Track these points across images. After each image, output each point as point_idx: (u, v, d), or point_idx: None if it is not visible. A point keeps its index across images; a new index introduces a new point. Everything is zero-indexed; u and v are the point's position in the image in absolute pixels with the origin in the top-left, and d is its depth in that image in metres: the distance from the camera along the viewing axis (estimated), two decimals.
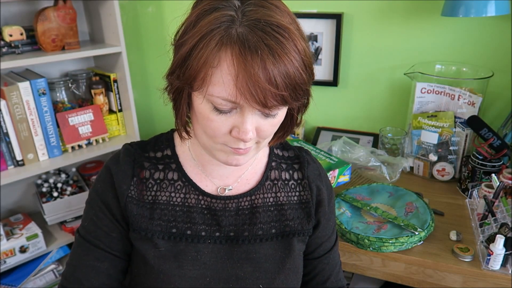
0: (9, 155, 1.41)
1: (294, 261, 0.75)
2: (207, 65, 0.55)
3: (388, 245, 1.02)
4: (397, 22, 1.44)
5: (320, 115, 1.70)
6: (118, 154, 0.74)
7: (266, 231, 0.74)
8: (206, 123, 0.60)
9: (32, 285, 1.55)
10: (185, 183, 0.72)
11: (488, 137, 1.21)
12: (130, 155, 0.73)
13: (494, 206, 1.04)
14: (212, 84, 0.56)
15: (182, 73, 0.58)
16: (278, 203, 0.76)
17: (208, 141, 0.64)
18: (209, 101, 0.58)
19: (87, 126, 1.59)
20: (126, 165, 0.72)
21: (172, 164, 0.73)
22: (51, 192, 1.59)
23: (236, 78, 0.54)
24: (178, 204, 0.72)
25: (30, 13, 1.52)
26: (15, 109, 1.37)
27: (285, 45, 0.55)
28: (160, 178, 0.72)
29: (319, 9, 1.53)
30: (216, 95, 0.56)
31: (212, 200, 0.73)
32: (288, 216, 0.75)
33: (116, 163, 0.72)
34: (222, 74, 0.55)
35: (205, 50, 0.55)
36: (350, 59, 1.57)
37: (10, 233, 1.51)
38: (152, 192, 0.71)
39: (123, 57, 1.56)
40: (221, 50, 0.54)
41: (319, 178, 0.79)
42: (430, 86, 1.34)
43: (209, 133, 0.61)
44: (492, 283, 0.96)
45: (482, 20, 1.33)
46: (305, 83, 0.58)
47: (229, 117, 0.59)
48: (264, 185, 0.76)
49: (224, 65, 0.54)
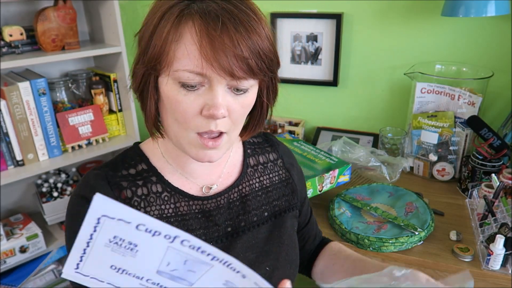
0: (9, 155, 1.41)
1: (291, 236, 0.78)
2: (169, 40, 0.55)
3: (388, 245, 1.02)
4: (397, 22, 1.44)
5: (320, 115, 1.70)
6: (86, 182, 0.67)
7: (260, 215, 0.75)
8: (175, 106, 0.58)
9: (32, 285, 1.55)
10: (172, 193, 0.69)
11: (488, 137, 1.21)
12: (102, 178, 0.66)
13: (494, 206, 1.05)
14: (176, 59, 0.55)
15: (147, 57, 0.58)
16: (264, 186, 0.77)
17: (180, 130, 0.61)
18: (176, 80, 0.57)
19: (87, 126, 1.59)
20: (103, 189, 0.65)
21: (152, 177, 0.69)
22: (51, 192, 1.59)
23: (200, 47, 0.54)
24: (171, 215, 0.69)
25: (30, 13, 1.52)
26: (15, 109, 1.37)
27: (248, 13, 0.56)
28: (144, 193, 0.68)
29: (319, 9, 1.53)
30: (182, 69, 0.55)
31: (204, 202, 0.71)
32: (275, 196, 0.78)
33: (90, 190, 0.64)
34: (186, 46, 0.54)
35: (166, 27, 0.55)
36: (350, 59, 1.57)
37: (10, 233, 1.51)
38: (141, 209, 0.67)
39: (123, 57, 1.56)
40: (181, 23, 0.55)
41: (289, 154, 0.84)
42: (430, 86, 1.34)
43: (179, 118, 0.59)
44: (492, 283, 0.96)
45: (482, 20, 1.33)
46: (269, 52, 0.58)
47: (198, 95, 0.57)
48: (247, 173, 0.77)
49: (187, 37, 0.54)
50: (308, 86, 1.66)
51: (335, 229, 1.11)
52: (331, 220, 1.13)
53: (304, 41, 1.58)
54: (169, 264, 0.47)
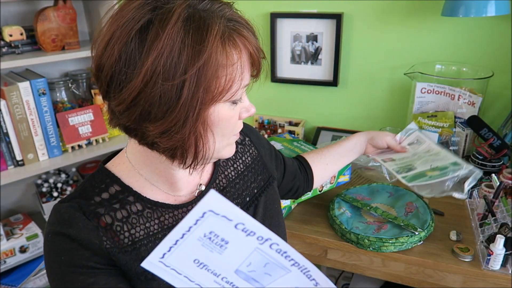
0: (9, 155, 1.41)
1: (275, 210, 0.81)
2: (220, 66, 0.54)
3: (388, 245, 1.02)
4: (397, 22, 1.44)
5: (320, 115, 1.70)
6: (59, 217, 0.61)
7: (243, 202, 0.76)
8: (227, 123, 0.59)
9: (32, 285, 1.55)
10: (153, 208, 0.66)
11: (488, 137, 1.21)
12: (76, 210, 0.61)
13: (494, 206, 1.04)
14: (235, 82, 0.56)
15: (207, 93, 0.54)
16: (240, 172, 0.78)
17: (222, 142, 0.62)
18: (229, 100, 0.58)
19: (87, 126, 1.59)
20: (82, 221, 0.60)
21: (128, 198, 0.64)
22: (51, 192, 1.59)
23: (240, 59, 0.56)
24: (158, 231, 0.65)
25: (30, 13, 1.52)
26: (15, 109, 1.37)
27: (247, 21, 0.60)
28: (125, 216, 0.63)
29: (319, 9, 1.53)
30: (236, 88, 0.57)
31: (188, 207, 0.69)
32: (251, 179, 0.79)
33: (68, 225, 0.59)
34: (233, 67, 0.55)
35: (212, 54, 0.53)
36: (350, 59, 1.57)
37: (10, 233, 1.51)
38: (125, 233, 0.62)
39: None
40: (225, 45, 0.54)
41: (251, 129, 0.86)
42: (430, 86, 1.34)
43: (227, 132, 0.61)
44: (492, 283, 0.96)
45: (482, 20, 1.33)
46: None
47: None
48: (220, 165, 0.77)
49: (232, 55, 0.55)
50: (308, 86, 1.66)
51: (335, 229, 1.11)
52: (331, 220, 1.13)
53: (304, 41, 1.58)
54: (249, 264, 0.49)
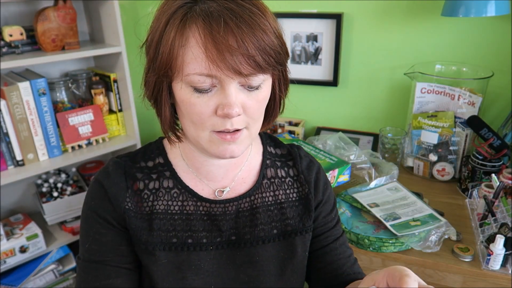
0: (9, 155, 1.41)
1: (297, 262, 0.73)
2: (176, 46, 0.56)
3: (388, 245, 1.02)
4: (397, 22, 1.44)
5: (320, 115, 1.70)
6: (106, 168, 0.70)
7: (268, 232, 0.72)
8: (190, 109, 0.59)
9: (32, 285, 1.55)
10: (182, 190, 0.70)
11: (488, 137, 1.21)
12: (120, 167, 0.70)
13: (494, 206, 1.05)
14: (186, 64, 0.56)
15: (157, 65, 0.59)
16: (278, 201, 0.73)
17: (197, 131, 0.62)
18: (188, 84, 0.58)
19: (87, 126, 1.59)
20: (118, 178, 0.69)
21: (166, 172, 0.71)
22: (51, 192, 1.59)
23: (205, 50, 0.54)
24: (176, 212, 0.69)
25: (30, 13, 1.52)
26: (15, 109, 1.37)
27: (251, 9, 0.56)
28: (156, 187, 0.70)
29: (319, 9, 1.53)
30: (192, 72, 0.56)
31: (211, 205, 0.70)
32: (288, 214, 0.73)
33: (107, 176, 0.69)
34: (192, 51, 0.55)
35: (171, 33, 0.56)
36: (350, 59, 1.57)
37: (10, 233, 1.51)
38: (149, 202, 0.69)
39: (123, 57, 1.56)
40: (185, 27, 0.55)
41: (313, 170, 0.77)
42: (430, 86, 1.34)
43: (195, 119, 0.60)
44: (492, 283, 0.96)
45: (482, 20, 1.33)
46: (275, 46, 0.58)
47: (211, 96, 0.58)
48: (262, 184, 0.73)
49: (192, 41, 0.55)
50: (308, 86, 1.66)
51: None
52: None
53: (304, 41, 1.58)
54: None
